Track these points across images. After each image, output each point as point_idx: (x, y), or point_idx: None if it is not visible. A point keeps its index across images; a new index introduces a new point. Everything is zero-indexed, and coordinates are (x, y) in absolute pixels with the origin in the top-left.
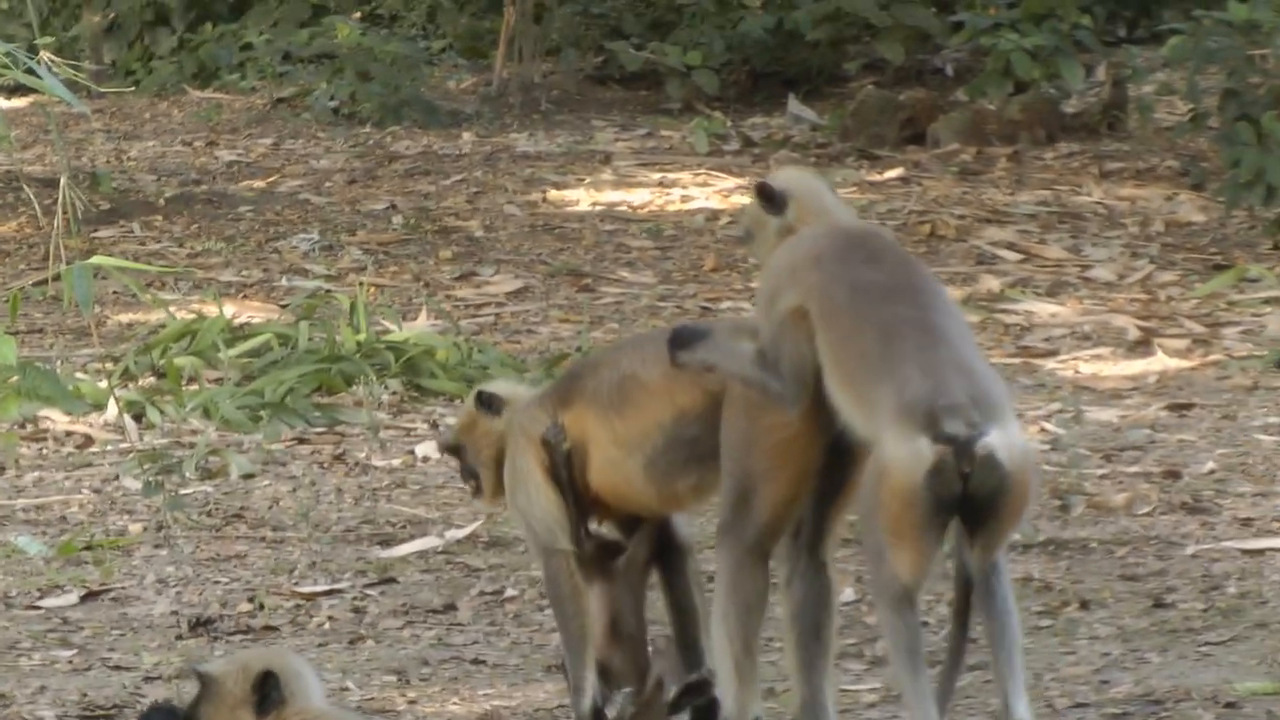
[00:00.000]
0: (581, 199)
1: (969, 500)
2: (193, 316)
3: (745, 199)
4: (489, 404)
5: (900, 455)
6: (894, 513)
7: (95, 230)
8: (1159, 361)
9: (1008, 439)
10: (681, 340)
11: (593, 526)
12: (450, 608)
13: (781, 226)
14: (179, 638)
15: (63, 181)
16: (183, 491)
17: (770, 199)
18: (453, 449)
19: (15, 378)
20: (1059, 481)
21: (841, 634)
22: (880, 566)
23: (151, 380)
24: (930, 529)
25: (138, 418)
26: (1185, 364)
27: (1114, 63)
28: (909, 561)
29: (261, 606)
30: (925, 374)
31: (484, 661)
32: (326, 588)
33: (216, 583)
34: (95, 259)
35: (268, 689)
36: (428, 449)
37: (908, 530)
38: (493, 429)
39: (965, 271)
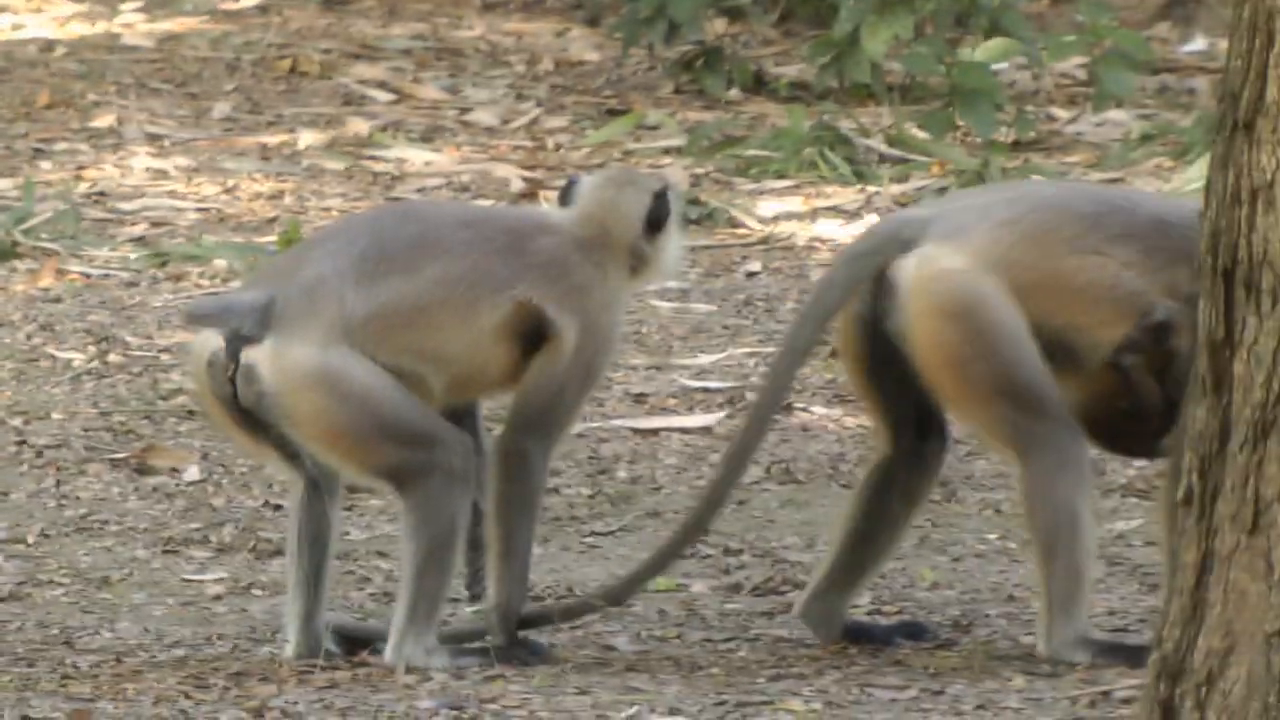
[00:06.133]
0: None
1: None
2: None
3: (86, 28)
4: None
5: (194, 343)
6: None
7: None
8: None
9: (285, 357)
10: None
11: None
12: None
13: None
14: None
15: None
16: None
17: None
18: None
19: None
20: None
21: (185, 518)
22: None
23: None
24: (236, 427)
25: None
26: None
27: None
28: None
29: None
30: (260, 282)
31: None
32: None
33: None
34: None
35: None
36: None
37: (215, 422)
38: None
39: (331, 113)
